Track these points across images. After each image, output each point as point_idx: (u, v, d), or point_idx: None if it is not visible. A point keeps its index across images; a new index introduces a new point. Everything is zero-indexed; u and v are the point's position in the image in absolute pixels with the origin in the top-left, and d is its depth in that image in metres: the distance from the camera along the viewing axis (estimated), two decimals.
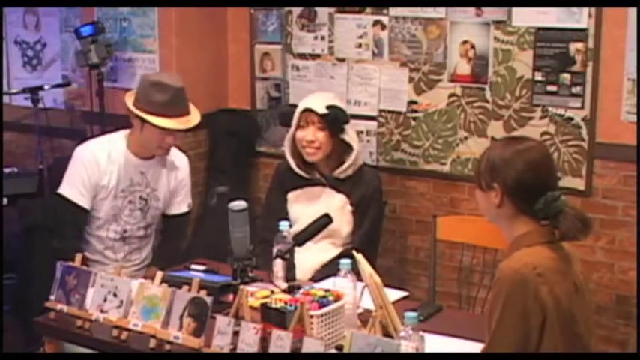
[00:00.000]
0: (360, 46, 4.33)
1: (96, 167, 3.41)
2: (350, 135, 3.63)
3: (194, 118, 3.45)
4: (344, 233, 3.59)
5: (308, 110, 3.57)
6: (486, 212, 2.49)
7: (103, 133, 3.99)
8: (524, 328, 2.26)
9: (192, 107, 3.46)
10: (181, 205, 3.63)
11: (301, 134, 3.58)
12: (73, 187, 3.41)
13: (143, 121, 3.34)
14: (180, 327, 2.48)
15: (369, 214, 3.61)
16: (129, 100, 3.40)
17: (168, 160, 3.55)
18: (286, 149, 3.69)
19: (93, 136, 3.64)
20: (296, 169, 3.65)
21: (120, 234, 3.48)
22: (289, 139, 3.67)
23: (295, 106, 3.68)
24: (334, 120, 3.56)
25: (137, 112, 3.34)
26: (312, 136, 3.56)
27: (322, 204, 3.57)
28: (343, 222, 3.57)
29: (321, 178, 3.64)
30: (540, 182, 2.37)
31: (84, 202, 3.41)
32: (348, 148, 3.61)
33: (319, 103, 3.58)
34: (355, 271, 2.72)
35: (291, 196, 3.69)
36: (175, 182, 3.58)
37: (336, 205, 3.57)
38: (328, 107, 3.56)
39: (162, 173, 3.53)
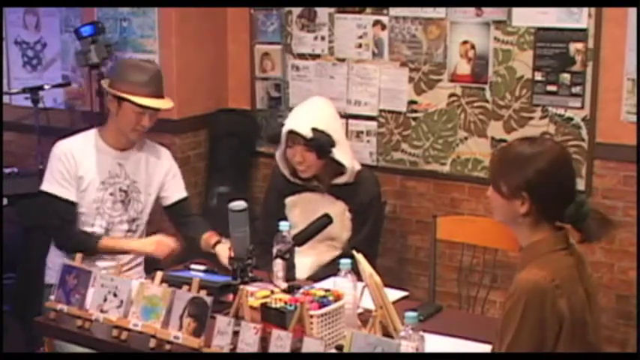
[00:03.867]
0: (360, 46, 4.33)
1: (72, 159, 3.44)
2: (341, 153, 3.50)
3: (169, 101, 3.49)
4: (343, 238, 3.55)
5: (293, 132, 3.50)
6: (501, 215, 2.39)
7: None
8: (540, 338, 2.24)
9: (165, 95, 3.51)
10: (178, 192, 3.62)
11: (291, 152, 3.50)
12: (54, 183, 3.43)
13: (120, 100, 3.37)
14: (180, 327, 2.48)
15: (367, 222, 3.56)
16: (105, 83, 3.46)
17: (146, 153, 3.56)
18: (279, 162, 3.63)
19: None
20: (292, 180, 3.61)
21: (104, 228, 3.48)
22: (281, 156, 3.61)
23: (284, 125, 3.59)
24: (319, 147, 3.46)
25: (114, 91, 3.37)
26: (300, 157, 3.48)
27: (321, 210, 3.52)
28: (343, 228, 3.53)
29: (318, 184, 3.59)
30: (569, 188, 2.34)
31: (69, 195, 3.42)
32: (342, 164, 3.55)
33: (305, 124, 3.45)
34: (355, 271, 2.72)
35: (289, 201, 3.63)
36: (161, 174, 3.58)
37: (335, 211, 3.51)
38: (313, 130, 3.44)
39: (142, 165, 3.54)
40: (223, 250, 3.22)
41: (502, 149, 2.48)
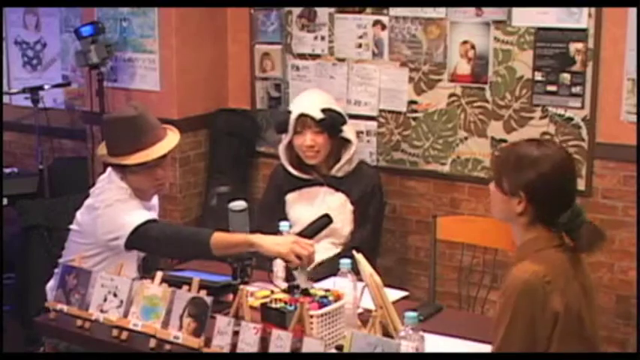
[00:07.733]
0: (360, 46, 4.33)
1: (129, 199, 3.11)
2: (348, 130, 3.63)
3: (171, 140, 3.15)
4: (345, 232, 3.58)
5: (304, 116, 3.54)
6: (499, 212, 2.42)
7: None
8: (531, 339, 2.25)
9: (168, 127, 3.19)
10: None
11: (299, 140, 3.56)
12: (134, 214, 3.02)
13: (123, 167, 3.08)
14: (180, 327, 2.48)
15: (369, 212, 3.60)
16: (101, 152, 3.16)
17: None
18: (282, 155, 3.66)
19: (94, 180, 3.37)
20: (294, 172, 3.63)
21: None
22: (286, 146, 3.64)
23: (290, 112, 3.63)
24: (332, 125, 3.53)
25: (112, 160, 3.08)
26: (311, 140, 3.54)
27: (322, 204, 3.56)
28: (344, 221, 3.56)
29: (319, 177, 3.63)
30: (567, 196, 2.36)
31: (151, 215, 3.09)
32: (347, 142, 3.62)
33: (314, 106, 3.55)
34: (355, 271, 2.72)
35: (289, 197, 3.67)
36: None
37: (335, 203, 3.56)
38: (324, 111, 3.53)
39: (155, 198, 3.34)
40: None
41: (509, 148, 2.53)
